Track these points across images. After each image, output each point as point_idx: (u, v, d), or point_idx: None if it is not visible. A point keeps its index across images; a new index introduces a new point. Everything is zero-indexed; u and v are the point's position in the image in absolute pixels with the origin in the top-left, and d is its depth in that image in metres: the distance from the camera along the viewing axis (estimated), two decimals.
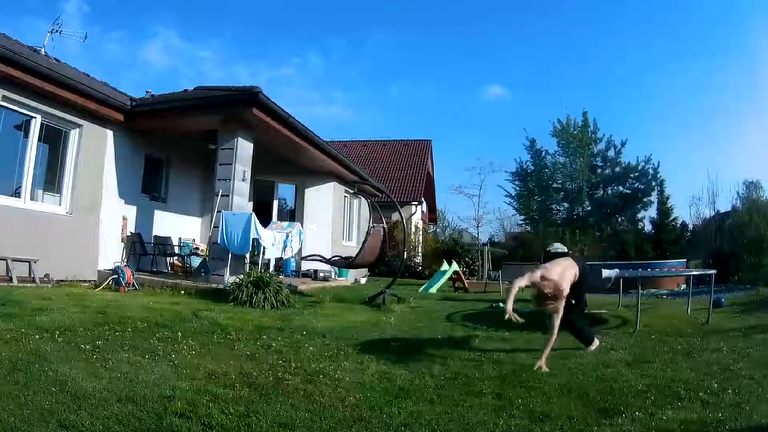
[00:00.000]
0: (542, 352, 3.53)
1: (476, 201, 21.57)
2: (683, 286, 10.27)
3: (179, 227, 9.95)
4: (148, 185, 9.25)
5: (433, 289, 10.89)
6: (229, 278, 7.07)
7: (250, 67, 47.01)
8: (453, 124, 46.84)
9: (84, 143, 7.46)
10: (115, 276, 6.97)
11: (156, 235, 9.16)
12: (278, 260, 9.98)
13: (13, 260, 6.19)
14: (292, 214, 12.32)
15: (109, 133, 7.92)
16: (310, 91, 47.18)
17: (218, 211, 7.68)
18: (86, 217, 7.50)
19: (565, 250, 10.39)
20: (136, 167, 8.68)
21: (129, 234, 8.50)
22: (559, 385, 3.06)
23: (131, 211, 8.61)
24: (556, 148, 24.68)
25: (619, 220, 23.66)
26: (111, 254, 7.94)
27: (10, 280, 6.04)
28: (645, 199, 23.16)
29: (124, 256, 8.27)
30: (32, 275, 6.36)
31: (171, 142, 9.27)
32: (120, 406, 2.33)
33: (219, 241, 7.40)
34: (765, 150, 28.53)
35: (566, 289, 3.66)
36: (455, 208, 51.58)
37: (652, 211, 22.80)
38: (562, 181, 24.77)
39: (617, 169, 23.97)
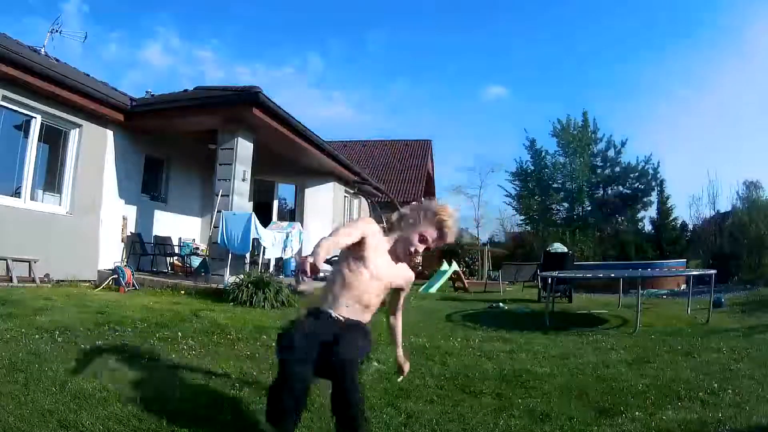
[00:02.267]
0: None
1: (476, 201, 21.57)
2: (683, 286, 10.27)
3: (179, 227, 9.95)
4: (148, 185, 9.26)
5: (433, 289, 10.88)
6: (229, 278, 7.07)
7: (250, 67, 47.06)
8: (453, 124, 46.83)
9: (84, 143, 7.46)
10: (115, 276, 6.98)
11: (156, 235, 9.16)
12: (278, 260, 9.97)
13: (13, 260, 6.19)
14: (292, 214, 12.32)
15: (109, 133, 7.92)
16: (310, 91, 47.20)
17: (218, 211, 7.68)
18: (86, 217, 7.50)
19: (565, 250, 10.42)
20: (136, 167, 8.68)
21: (129, 234, 8.50)
22: (559, 385, 3.06)
23: (131, 211, 8.62)
24: (556, 148, 24.66)
25: (619, 220, 23.61)
26: (111, 254, 7.94)
27: (10, 280, 6.04)
28: (645, 199, 23.13)
29: (124, 256, 8.27)
30: (32, 275, 6.36)
31: (171, 142, 9.27)
32: (120, 406, 2.33)
33: (219, 241, 7.40)
34: (765, 150, 28.53)
35: None
36: None
37: (652, 211, 22.76)
38: (562, 181, 24.71)
39: (617, 169, 23.94)
